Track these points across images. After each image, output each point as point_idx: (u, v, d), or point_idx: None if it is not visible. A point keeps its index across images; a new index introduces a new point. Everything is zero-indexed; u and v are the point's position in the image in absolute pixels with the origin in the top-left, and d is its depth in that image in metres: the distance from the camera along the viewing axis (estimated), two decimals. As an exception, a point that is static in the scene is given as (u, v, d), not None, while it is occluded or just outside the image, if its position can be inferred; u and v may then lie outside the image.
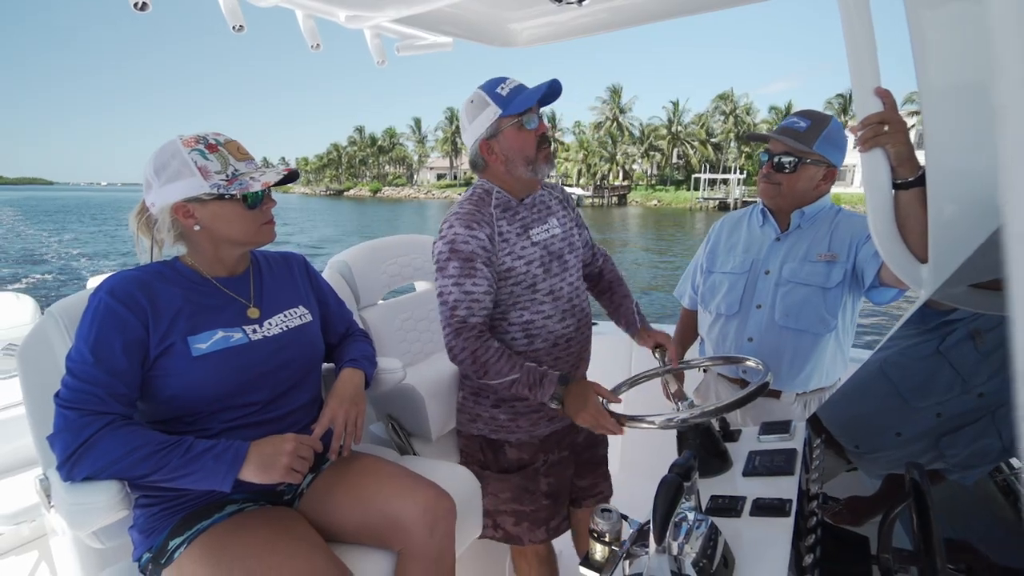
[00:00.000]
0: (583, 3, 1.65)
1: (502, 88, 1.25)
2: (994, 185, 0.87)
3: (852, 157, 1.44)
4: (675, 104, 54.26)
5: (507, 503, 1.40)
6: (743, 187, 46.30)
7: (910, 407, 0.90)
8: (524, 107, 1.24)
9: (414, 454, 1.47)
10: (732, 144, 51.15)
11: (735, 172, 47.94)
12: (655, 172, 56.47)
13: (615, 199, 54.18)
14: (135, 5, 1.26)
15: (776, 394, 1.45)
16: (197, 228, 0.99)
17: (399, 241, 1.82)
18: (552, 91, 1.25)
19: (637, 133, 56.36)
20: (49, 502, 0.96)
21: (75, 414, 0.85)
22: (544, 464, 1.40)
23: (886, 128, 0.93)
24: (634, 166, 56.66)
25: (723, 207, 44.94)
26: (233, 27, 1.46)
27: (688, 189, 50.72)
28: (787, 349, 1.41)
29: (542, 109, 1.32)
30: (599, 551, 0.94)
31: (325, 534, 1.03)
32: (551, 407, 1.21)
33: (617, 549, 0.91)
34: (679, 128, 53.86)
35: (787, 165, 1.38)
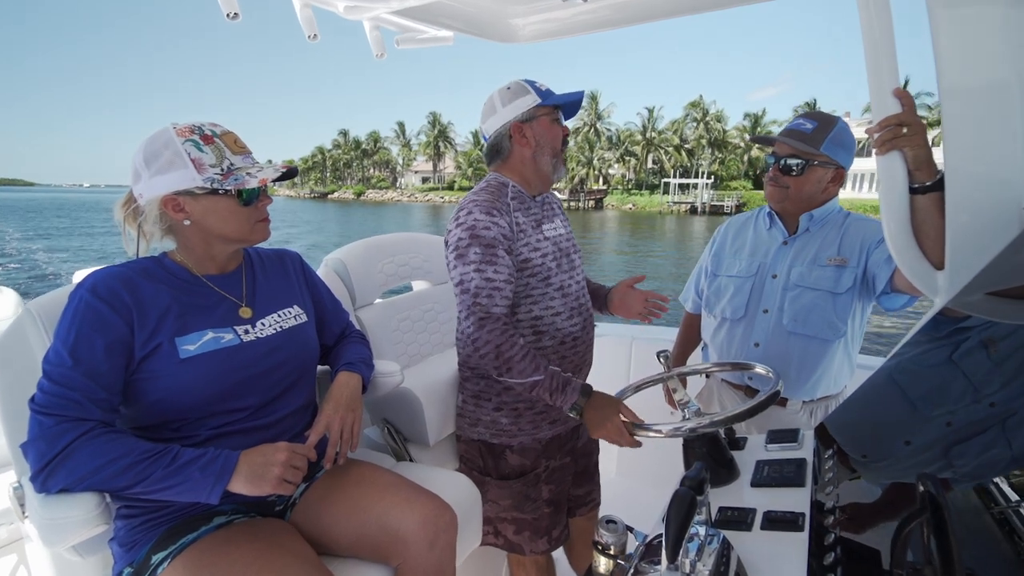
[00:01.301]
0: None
1: (540, 85, 1.31)
2: (1015, 189, 0.84)
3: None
4: (650, 111, 56.40)
5: (508, 511, 1.37)
6: (711, 191, 48.94)
7: (920, 415, 0.88)
8: (558, 103, 1.29)
9: (411, 460, 1.43)
10: (706, 150, 53.31)
11: (703, 177, 50.45)
12: (632, 176, 58.24)
13: (592, 203, 55.66)
14: None
15: (783, 402, 1.42)
16: (187, 223, 0.94)
17: (396, 239, 1.77)
18: (578, 103, 1.33)
19: (614, 139, 58.38)
20: (23, 512, 0.90)
21: (51, 421, 0.80)
22: (546, 470, 1.37)
23: (904, 130, 0.91)
24: (610, 171, 58.67)
25: (693, 211, 47.41)
26: (228, 14, 1.40)
27: (662, 193, 53.15)
28: (795, 355, 1.38)
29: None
30: (603, 564, 0.91)
31: (318, 547, 0.98)
32: (569, 415, 1.19)
33: (623, 563, 0.88)
34: (653, 134, 55.98)
35: (794, 167, 1.35)
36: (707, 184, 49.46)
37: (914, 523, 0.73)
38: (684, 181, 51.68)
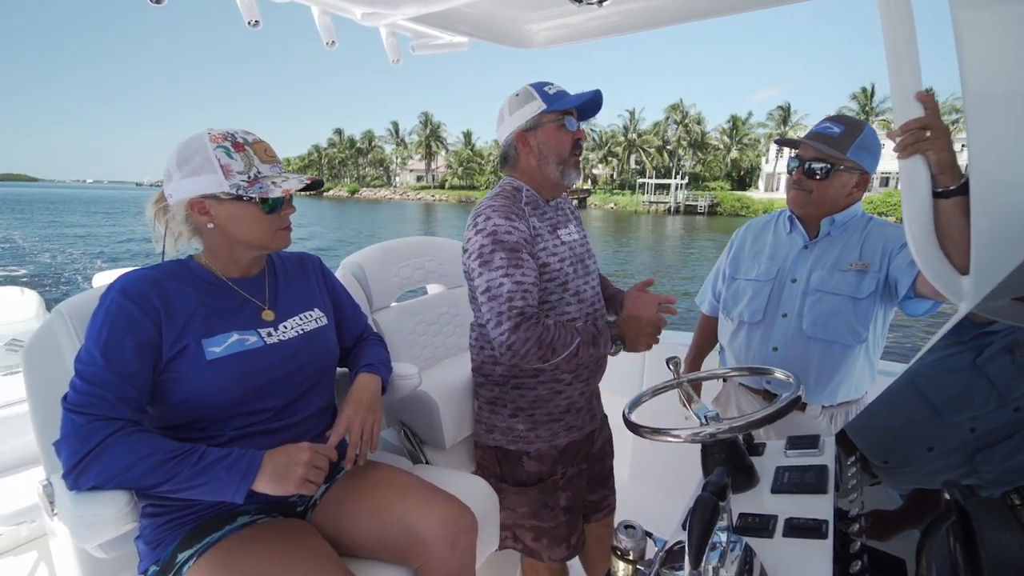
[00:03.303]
0: (603, 4, 1.63)
1: (549, 88, 1.27)
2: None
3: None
4: (631, 113, 57.72)
5: (525, 518, 1.36)
6: (685, 191, 50.99)
7: (943, 421, 0.87)
8: (567, 106, 1.25)
9: (427, 463, 1.43)
10: (688, 151, 55.17)
11: (677, 177, 52.59)
12: (617, 176, 59.54)
13: (575, 202, 56.80)
14: None
15: (802, 407, 1.41)
16: (211, 226, 0.96)
17: (412, 243, 1.79)
18: (594, 102, 1.27)
19: (598, 139, 59.93)
20: (52, 509, 0.92)
21: (83, 419, 0.82)
22: (563, 477, 1.36)
23: (928, 134, 0.90)
24: (594, 171, 60.20)
25: (668, 211, 49.59)
26: (249, 22, 1.43)
27: (642, 193, 54.94)
28: (814, 360, 1.37)
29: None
30: (622, 569, 0.90)
31: (339, 548, 0.99)
32: (613, 352, 1.25)
33: (642, 568, 0.87)
34: (633, 136, 57.32)
35: (819, 171, 1.33)
36: (682, 185, 51.55)
37: (940, 531, 0.71)
38: (661, 182, 53.64)
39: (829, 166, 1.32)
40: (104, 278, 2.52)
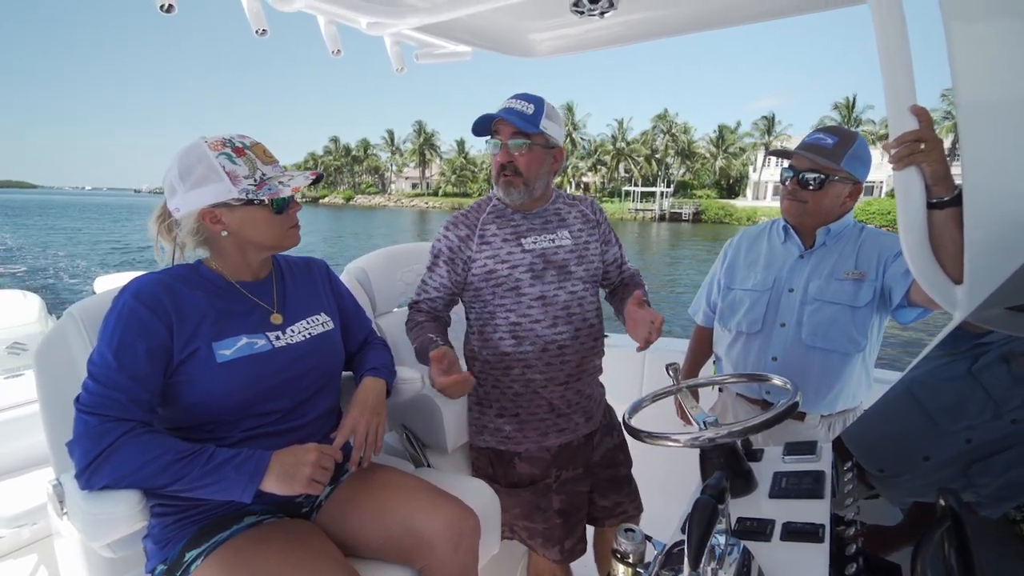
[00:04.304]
0: (605, 15, 1.66)
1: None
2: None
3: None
4: (619, 123, 59.31)
5: (518, 519, 1.37)
6: (670, 199, 52.78)
7: (939, 430, 0.88)
8: (474, 132, 1.34)
9: (428, 466, 1.45)
10: (675, 159, 56.85)
11: (662, 184, 54.69)
12: (607, 184, 60.72)
13: None
14: (161, 7, 1.26)
15: (800, 416, 1.41)
16: (224, 234, 0.98)
17: (415, 248, 1.81)
18: (491, 118, 1.30)
19: (588, 148, 61.46)
20: (62, 508, 0.94)
21: (96, 420, 0.83)
22: (556, 480, 1.37)
23: (922, 146, 0.92)
24: (584, 179, 61.55)
25: (654, 218, 50.95)
26: (256, 31, 1.46)
27: (631, 201, 56.22)
28: (814, 369, 1.38)
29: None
30: (622, 572, 0.91)
31: (343, 548, 1.00)
32: None
33: (642, 571, 0.89)
34: (622, 144, 58.77)
35: (812, 182, 1.35)
36: (667, 192, 53.09)
37: (935, 537, 0.72)
38: (647, 189, 54.93)
39: (823, 176, 1.34)
40: (105, 282, 2.55)
